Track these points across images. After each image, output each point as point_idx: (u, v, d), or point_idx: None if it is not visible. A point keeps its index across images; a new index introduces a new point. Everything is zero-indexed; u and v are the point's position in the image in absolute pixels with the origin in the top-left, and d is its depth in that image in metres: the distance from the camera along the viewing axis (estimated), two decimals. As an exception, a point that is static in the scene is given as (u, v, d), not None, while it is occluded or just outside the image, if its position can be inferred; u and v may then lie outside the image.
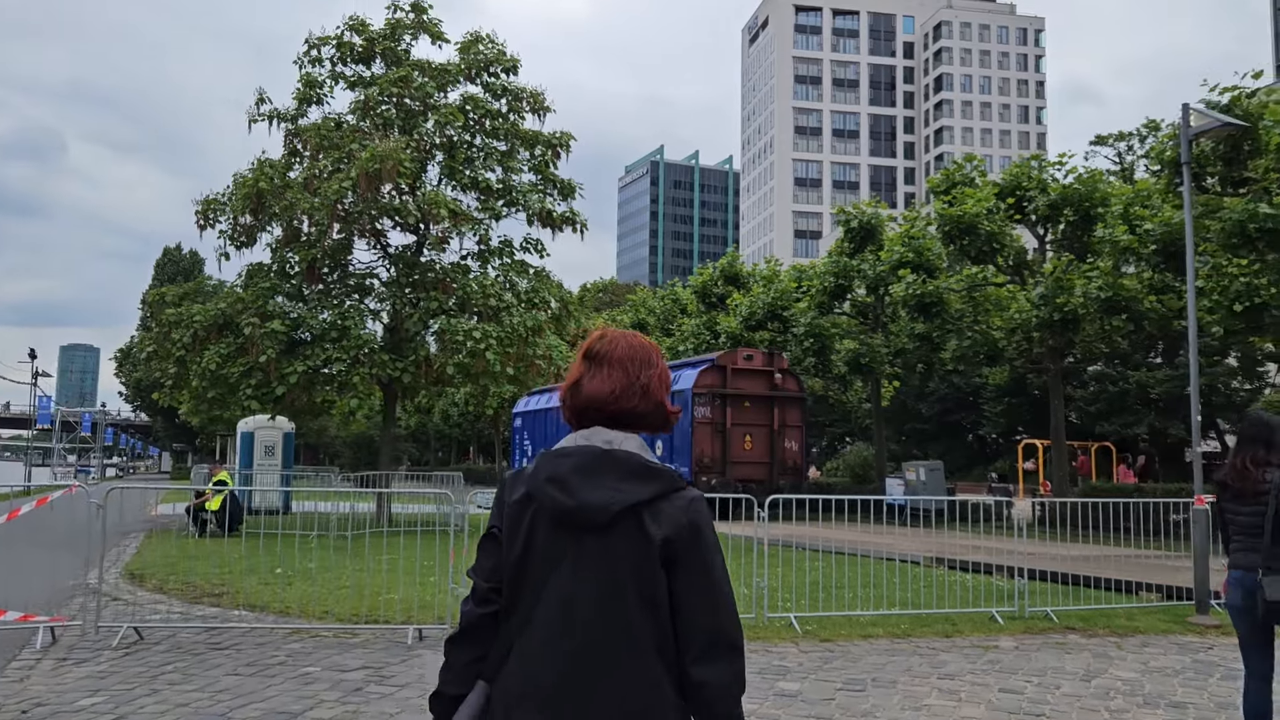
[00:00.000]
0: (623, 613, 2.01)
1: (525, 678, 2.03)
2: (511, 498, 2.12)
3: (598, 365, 2.20)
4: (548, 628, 2.03)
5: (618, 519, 2.02)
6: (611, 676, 1.99)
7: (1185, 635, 9.91)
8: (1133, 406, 37.41)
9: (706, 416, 26.59)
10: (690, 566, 2.04)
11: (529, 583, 2.06)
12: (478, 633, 2.14)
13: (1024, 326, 21.61)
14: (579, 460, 2.08)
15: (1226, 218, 17.58)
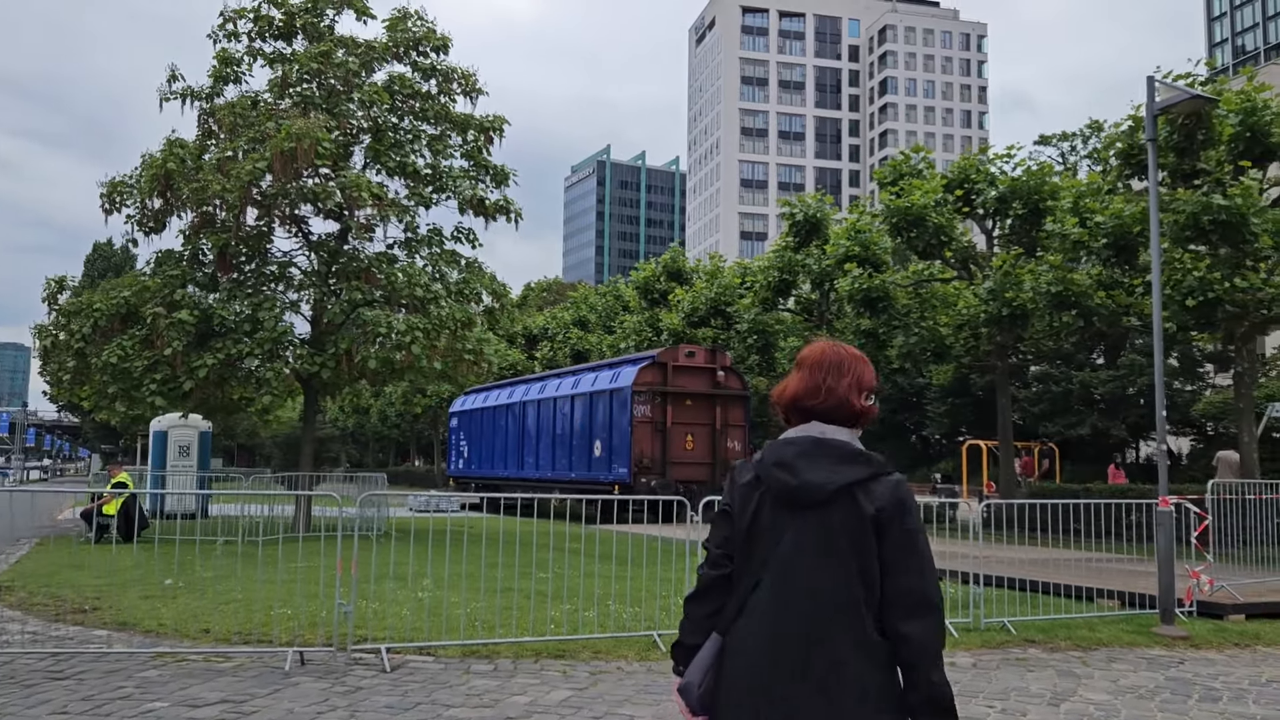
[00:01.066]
0: (838, 575, 2.34)
1: (754, 632, 2.39)
2: (741, 480, 2.54)
3: (797, 369, 2.64)
4: (774, 589, 2.39)
5: (835, 496, 2.38)
6: (827, 631, 2.31)
7: (1152, 648, 9.14)
8: (1075, 407, 37.22)
9: (646, 415, 25.64)
10: (897, 536, 2.35)
11: (757, 551, 2.45)
12: (712, 592, 2.55)
13: (972, 322, 20.97)
14: (800, 448, 2.47)
15: (1180, 210, 17.04)
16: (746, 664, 2.37)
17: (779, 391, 2.66)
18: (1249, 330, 18.47)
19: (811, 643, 2.31)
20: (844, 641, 2.30)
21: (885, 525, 2.35)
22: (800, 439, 2.50)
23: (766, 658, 2.34)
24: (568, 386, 29.40)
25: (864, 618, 2.32)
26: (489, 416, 34.92)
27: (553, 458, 29.73)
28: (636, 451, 25.43)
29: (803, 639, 2.32)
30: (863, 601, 2.33)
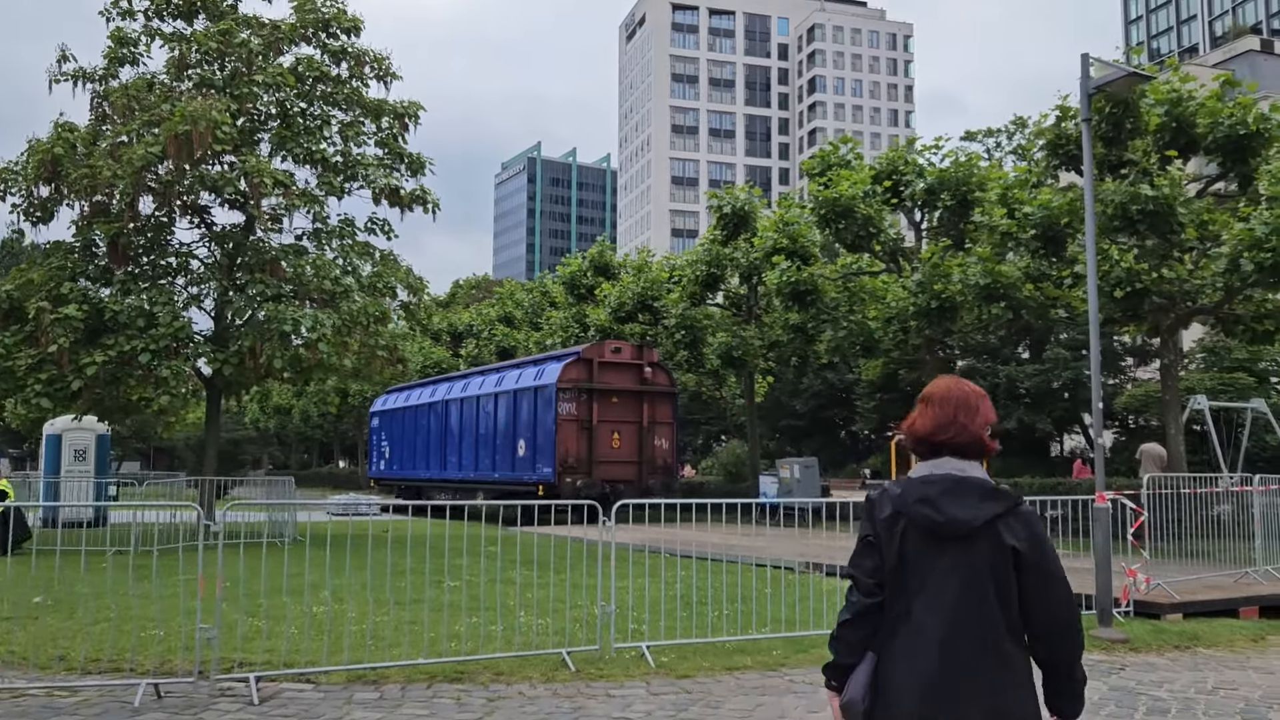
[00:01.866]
0: (983, 604, 2.67)
1: (908, 658, 2.70)
2: (882, 515, 2.82)
3: (924, 404, 2.91)
4: (924, 617, 2.70)
5: (979, 530, 2.69)
6: (976, 656, 2.64)
7: (1091, 653, 8.67)
8: (1002, 401, 37.38)
9: (571, 413, 24.88)
10: (1035, 568, 2.68)
11: (905, 581, 2.75)
12: (866, 618, 2.81)
13: (900, 315, 20.62)
14: (943, 486, 2.76)
15: (1108, 199, 16.82)
16: (908, 681, 2.68)
17: (908, 425, 2.92)
18: (1175, 322, 18.37)
19: (960, 660, 2.64)
20: (987, 658, 2.63)
21: (1024, 558, 2.67)
22: (940, 477, 2.78)
23: (926, 675, 2.66)
24: (491, 384, 28.51)
25: (1008, 642, 2.66)
26: (410, 416, 33.83)
27: (476, 458, 28.81)
28: (561, 451, 24.67)
29: (953, 656, 2.64)
30: (1004, 622, 2.66)
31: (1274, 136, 17.74)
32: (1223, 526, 12.75)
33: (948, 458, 2.80)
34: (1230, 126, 17.55)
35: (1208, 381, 32.82)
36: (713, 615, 9.41)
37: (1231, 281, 16.57)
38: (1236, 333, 19.42)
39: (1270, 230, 14.86)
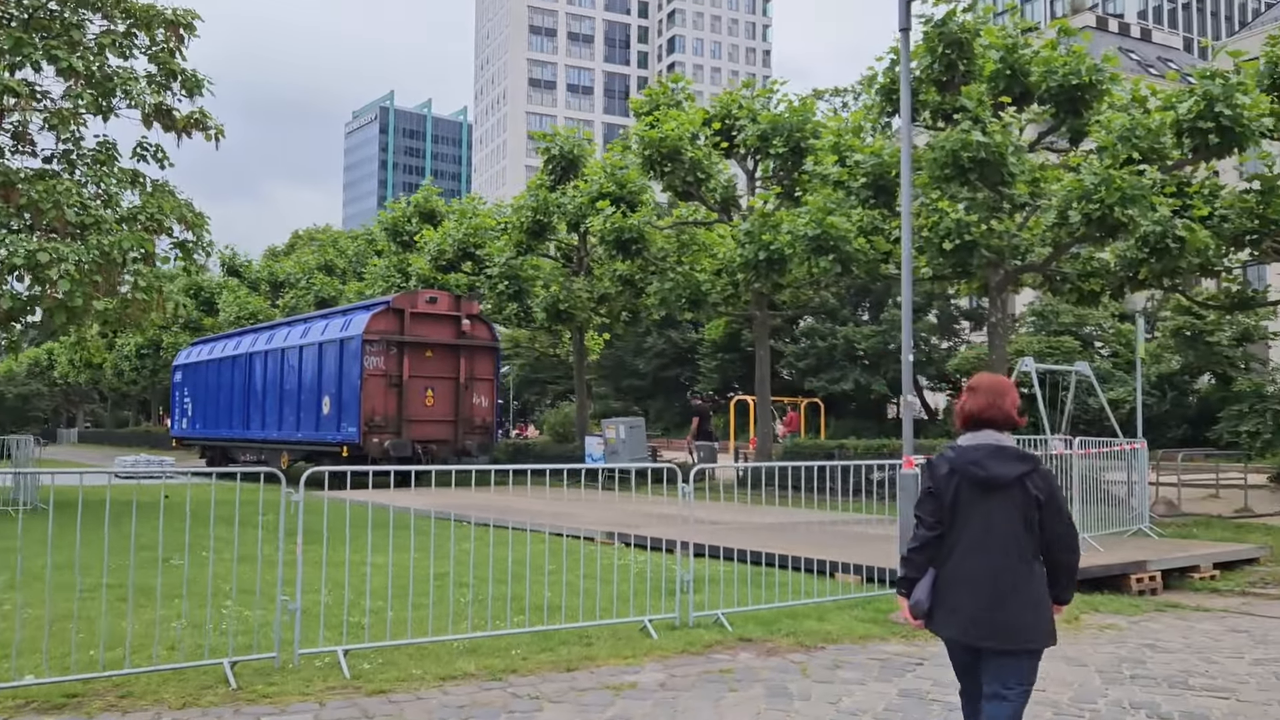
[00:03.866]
0: (1017, 532, 3.88)
1: (958, 573, 3.92)
2: (941, 472, 3.99)
3: (971, 392, 4.11)
4: (972, 543, 3.91)
5: (1013, 482, 3.88)
6: (1010, 570, 3.85)
7: (887, 642, 7.47)
8: (840, 362, 37.10)
9: (379, 368, 22.79)
10: (1051, 508, 3.92)
11: (958, 519, 3.94)
12: (929, 546, 4.00)
13: (729, 267, 19.39)
14: (987, 451, 3.95)
15: (939, 146, 15.87)
16: (960, 586, 3.91)
17: (959, 407, 4.14)
18: (1004, 279, 17.69)
19: (1000, 571, 3.86)
20: (1020, 570, 3.87)
21: (1045, 502, 3.91)
22: (984, 445, 3.99)
23: (974, 581, 3.88)
24: (296, 336, 26.06)
25: (1031, 556, 3.90)
26: (214, 370, 30.92)
27: (280, 416, 26.35)
28: (367, 409, 22.58)
29: (995, 569, 3.86)
30: (1029, 546, 3.90)
31: (1106, 90, 17.15)
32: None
33: (988, 430, 4.01)
34: (1064, 76, 16.84)
35: (1036, 345, 33.16)
36: (455, 604, 7.79)
37: (1060, 236, 15.89)
38: (1064, 292, 18.93)
39: (1099, 181, 14.13)
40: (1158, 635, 8.10)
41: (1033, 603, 3.86)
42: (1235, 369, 29.70)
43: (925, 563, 4.01)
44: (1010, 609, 3.82)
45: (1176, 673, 6.75)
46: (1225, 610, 9.24)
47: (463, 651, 6.81)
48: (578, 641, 7.16)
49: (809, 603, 8.55)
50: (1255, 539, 13.33)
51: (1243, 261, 19.95)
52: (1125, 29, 69.84)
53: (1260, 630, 8.30)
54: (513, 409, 61.88)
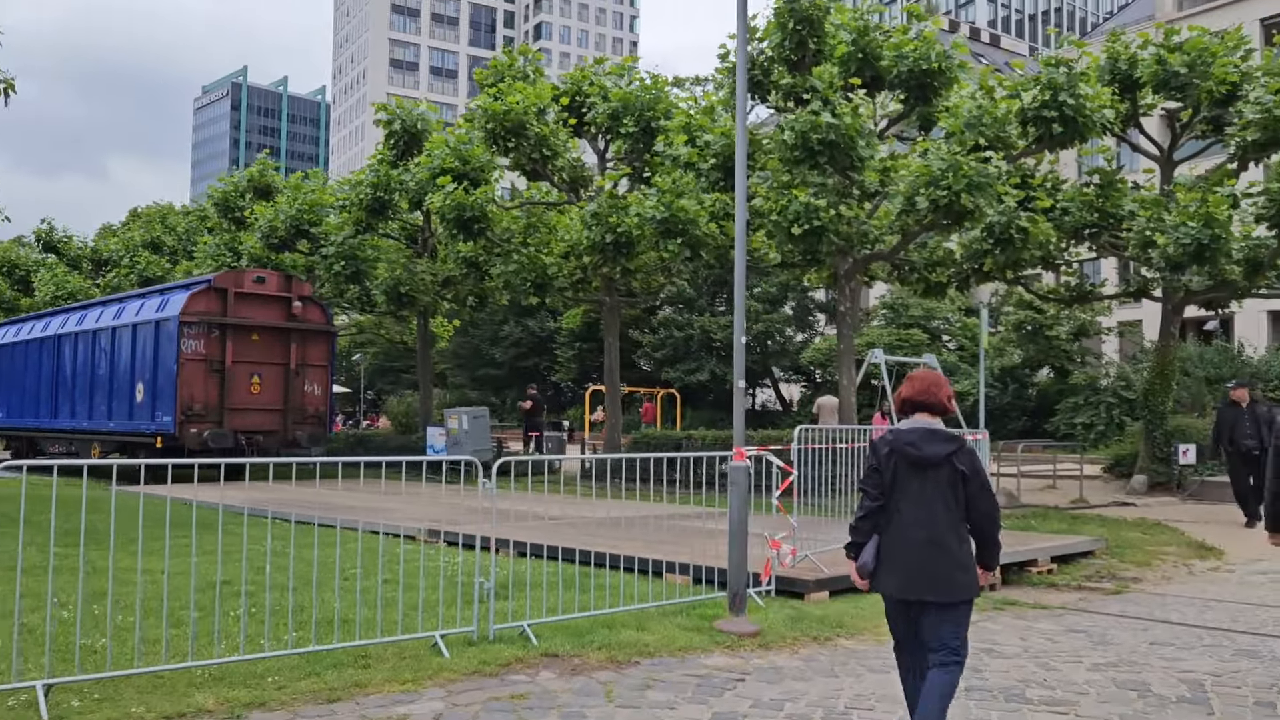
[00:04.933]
0: (947, 503, 4.46)
1: (897, 539, 4.50)
2: (883, 451, 4.57)
3: (910, 383, 4.70)
4: (907, 514, 4.48)
5: (943, 460, 4.47)
6: (940, 536, 4.43)
7: (710, 654, 6.73)
8: (696, 353, 36.76)
9: (198, 352, 21.02)
10: (975, 485, 4.48)
11: (895, 493, 4.51)
12: (873, 514, 4.57)
13: (575, 249, 18.52)
14: (920, 434, 4.54)
15: (788, 127, 15.36)
16: (899, 550, 4.49)
17: (898, 395, 4.76)
18: (853, 268, 17.37)
19: (932, 537, 4.44)
20: (949, 535, 4.45)
21: (970, 477, 4.48)
22: (918, 428, 4.60)
23: (910, 545, 4.46)
24: (109, 317, 23.88)
25: (958, 524, 4.48)
26: (20, 353, 28.21)
27: (90, 404, 24.14)
28: (185, 396, 20.79)
29: (928, 535, 4.44)
30: (957, 514, 4.48)
31: (955, 77, 17.00)
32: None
33: (923, 415, 4.64)
34: (914, 61, 16.60)
35: (886, 337, 33.49)
36: (224, 619, 6.65)
37: (908, 224, 15.61)
38: (911, 282, 18.80)
39: (947, 167, 13.84)
40: (995, 638, 7.63)
41: (960, 562, 4.45)
42: (1072, 363, 30.58)
43: (870, 530, 4.61)
44: (942, 568, 4.41)
45: (1014, 683, 6.22)
46: (1063, 608, 8.89)
47: (209, 680, 5.71)
48: (354, 664, 6.15)
49: (630, 609, 7.75)
50: (1090, 530, 13.26)
51: (1080, 257, 20.24)
52: (976, 34, 72.12)
53: (1098, 630, 7.93)
54: (364, 399, 59.61)
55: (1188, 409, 21.53)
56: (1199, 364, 25.96)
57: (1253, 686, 6.22)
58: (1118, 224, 17.27)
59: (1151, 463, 18.33)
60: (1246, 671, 6.60)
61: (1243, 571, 10.80)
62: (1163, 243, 15.51)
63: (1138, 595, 9.60)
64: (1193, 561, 11.41)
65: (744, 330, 7.93)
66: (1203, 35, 17.23)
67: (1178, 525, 13.92)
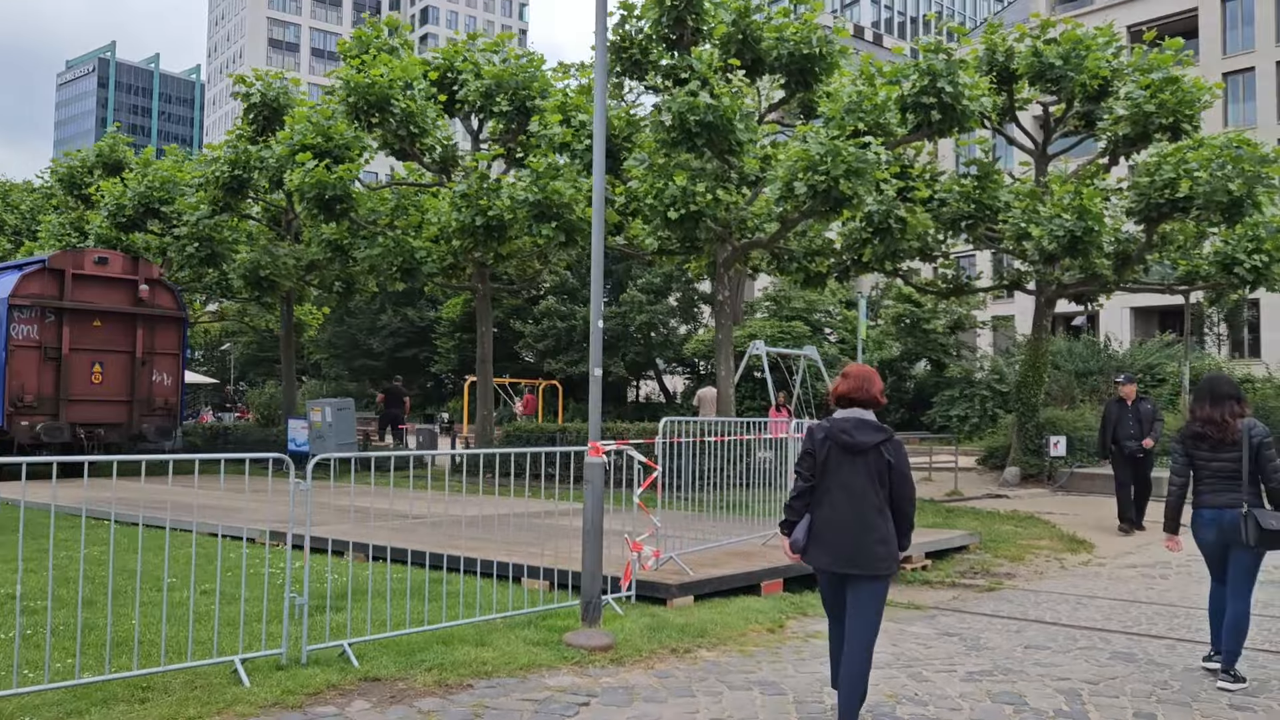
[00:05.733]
0: (874, 486, 4.89)
1: (828, 516, 4.95)
2: (818, 437, 5.01)
3: (845, 378, 5.12)
4: (838, 495, 4.93)
5: (871, 449, 4.90)
6: (866, 515, 4.87)
7: (556, 672, 6.03)
8: (580, 344, 36.04)
9: (31, 337, 19.29)
10: (898, 472, 4.93)
11: (827, 475, 4.96)
12: (805, 495, 5.04)
13: (444, 232, 17.55)
14: (853, 423, 4.97)
15: (665, 107, 14.75)
16: (829, 527, 4.94)
17: (834, 389, 5.16)
18: (731, 255, 16.90)
19: (859, 516, 4.89)
20: (874, 515, 4.89)
21: (894, 466, 4.94)
22: (851, 418, 5.01)
23: (839, 523, 4.92)
24: (-68, 299, 21.80)
25: (882, 505, 4.91)
26: None
27: (-90, 395, 22.01)
28: (14, 386, 19.05)
29: (856, 514, 4.89)
30: (881, 497, 4.92)
31: (835, 62, 16.66)
32: (765, 478, 11.04)
33: (856, 407, 5.04)
34: (795, 44, 16.18)
35: (769, 329, 33.41)
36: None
37: (787, 210, 15.17)
38: (791, 271, 18.47)
39: (825, 151, 13.42)
40: (867, 644, 7.15)
41: (883, 540, 4.88)
42: (948, 356, 30.98)
43: (803, 508, 5.06)
44: (866, 544, 4.84)
45: (882, 699, 5.70)
46: (936, 608, 8.50)
47: (-60, 724, 4.74)
48: (131, 697, 5.24)
49: (474, 621, 7.00)
50: (965, 524, 13.06)
51: (957, 249, 20.26)
52: (860, 32, 73.18)
53: (971, 634, 7.52)
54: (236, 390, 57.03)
55: (1058, 401, 21.83)
56: (1068, 358, 26.51)
57: (1130, 695, 5.85)
58: (994, 216, 17.23)
59: (1024, 455, 18.42)
60: (1124, 678, 6.25)
61: (1113, 566, 10.66)
62: (1037, 234, 15.47)
63: (1011, 592, 9.31)
64: (1064, 555, 11.25)
65: (600, 314, 7.25)
66: (1076, 29, 17.30)
67: (1049, 517, 13.87)
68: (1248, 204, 14.85)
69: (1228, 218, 15.15)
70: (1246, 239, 16.06)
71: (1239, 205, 14.81)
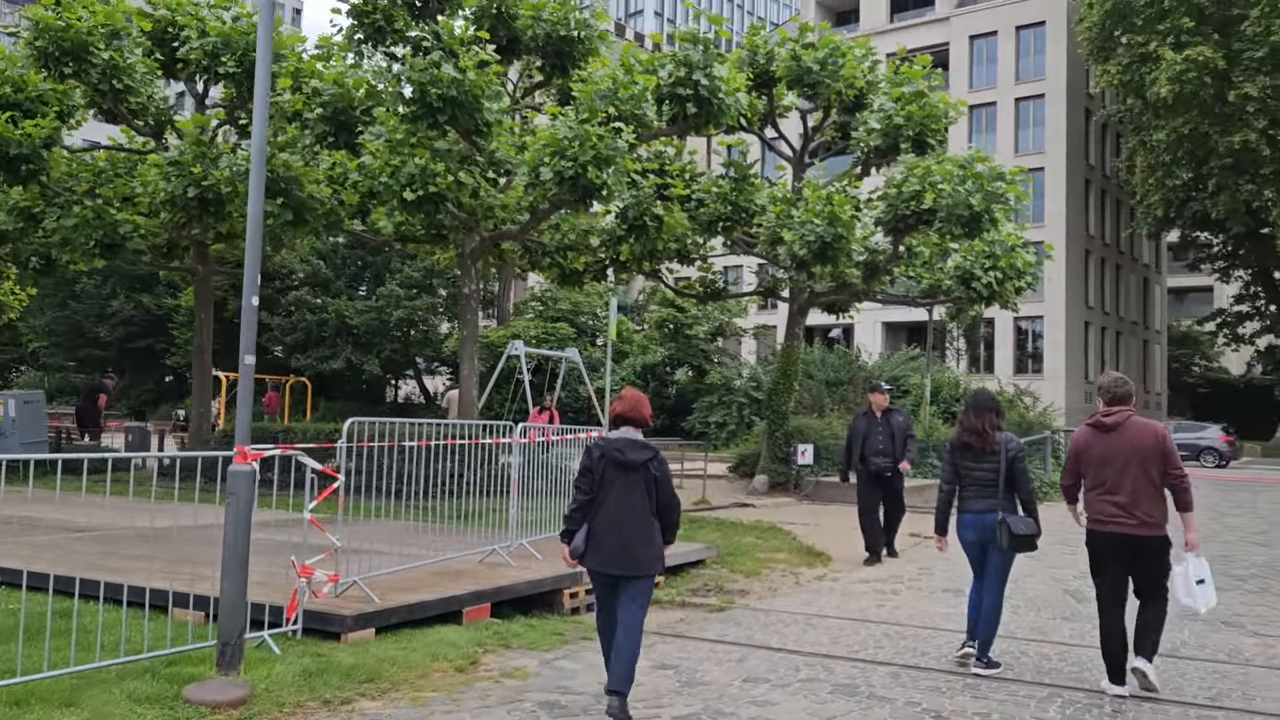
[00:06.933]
0: (642, 498, 5.50)
1: (603, 526, 5.50)
2: (594, 456, 5.57)
3: (620, 400, 5.77)
4: (612, 507, 5.50)
5: (641, 465, 5.51)
6: (637, 524, 5.49)
7: (155, 742, 4.69)
8: (331, 339, 33.78)
9: None
10: (664, 485, 5.59)
11: (603, 489, 5.52)
12: (584, 507, 5.57)
13: (151, 204, 15.45)
14: (625, 442, 5.57)
15: (406, 76, 13.44)
16: (604, 535, 5.50)
17: (612, 410, 5.81)
18: (480, 246, 15.76)
19: (631, 524, 5.50)
20: (643, 523, 5.52)
21: (660, 480, 5.58)
22: (623, 438, 5.61)
23: (613, 531, 5.49)
24: None
25: (650, 514, 5.55)
26: None
27: None
28: None
29: (628, 522, 5.49)
30: (651, 508, 5.56)
31: (594, 47, 15.88)
32: (502, 486, 9.97)
33: (628, 427, 5.65)
34: (552, 24, 15.28)
35: (534, 330, 32.43)
36: None
37: (537, 200, 14.22)
38: (545, 266, 17.54)
39: (573, 136, 12.53)
40: (569, 682, 6.20)
41: (650, 544, 5.57)
42: (710, 362, 31.03)
43: (582, 519, 5.63)
44: (636, 549, 5.52)
45: (564, 761, 4.74)
46: (659, 633, 7.69)
47: None
48: None
49: (75, 671, 5.51)
50: (706, 535, 12.51)
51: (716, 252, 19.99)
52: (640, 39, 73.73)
53: (689, 665, 6.74)
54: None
55: (809, 410, 22.00)
56: (821, 368, 26.99)
57: (846, 741, 5.17)
58: (750, 219, 16.95)
59: (772, 462, 18.28)
60: (841, 718, 5.58)
61: (846, 580, 10.28)
62: (790, 239, 15.24)
63: (741, 612, 8.66)
64: (801, 569, 10.80)
65: (256, 290, 5.95)
66: (834, 36, 17.32)
67: (791, 527, 13.54)
68: (986, 219, 15.17)
69: (968, 231, 15.44)
70: (984, 255, 16.51)
71: (978, 220, 15.11)
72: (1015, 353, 44.98)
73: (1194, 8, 36.61)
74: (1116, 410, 6.13)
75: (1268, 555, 12.36)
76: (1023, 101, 46.31)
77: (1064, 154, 44.46)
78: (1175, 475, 6.00)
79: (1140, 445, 6.00)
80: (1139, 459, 5.98)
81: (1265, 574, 11.01)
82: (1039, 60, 45.92)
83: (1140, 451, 5.98)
